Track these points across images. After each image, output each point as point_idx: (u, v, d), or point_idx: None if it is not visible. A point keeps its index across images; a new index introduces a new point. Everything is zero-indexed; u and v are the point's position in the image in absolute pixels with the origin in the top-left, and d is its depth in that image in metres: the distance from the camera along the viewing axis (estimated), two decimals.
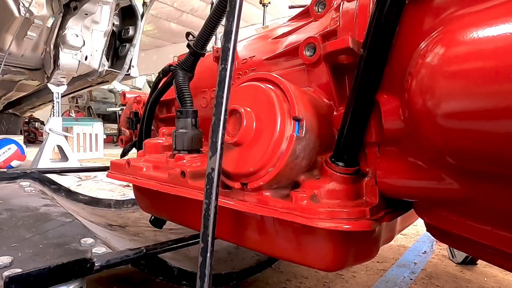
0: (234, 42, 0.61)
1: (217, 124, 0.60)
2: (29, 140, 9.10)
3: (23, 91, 4.92)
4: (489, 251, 0.59)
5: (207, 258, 0.57)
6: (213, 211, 0.59)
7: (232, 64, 0.61)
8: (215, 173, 0.60)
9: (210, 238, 0.58)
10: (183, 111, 1.01)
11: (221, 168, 0.61)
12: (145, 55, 12.37)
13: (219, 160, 0.60)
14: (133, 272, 1.36)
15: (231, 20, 0.61)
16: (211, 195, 0.59)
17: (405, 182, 0.64)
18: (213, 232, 0.58)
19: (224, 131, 0.61)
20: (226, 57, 0.61)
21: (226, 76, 0.61)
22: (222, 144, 0.60)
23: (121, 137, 1.72)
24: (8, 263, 0.76)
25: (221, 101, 0.60)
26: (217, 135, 0.60)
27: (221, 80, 0.61)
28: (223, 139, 0.61)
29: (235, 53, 0.61)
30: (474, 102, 0.44)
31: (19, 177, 1.61)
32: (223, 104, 0.60)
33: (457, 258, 1.68)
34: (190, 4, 9.44)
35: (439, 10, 0.57)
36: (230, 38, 0.61)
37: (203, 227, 0.59)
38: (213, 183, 0.59)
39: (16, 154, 4.46)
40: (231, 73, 0.61)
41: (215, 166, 0.60)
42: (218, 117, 0.60)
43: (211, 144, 0.61)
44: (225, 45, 0.61)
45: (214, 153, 0.61)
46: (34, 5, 3.50)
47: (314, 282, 1.41)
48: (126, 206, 1.90)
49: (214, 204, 0.59)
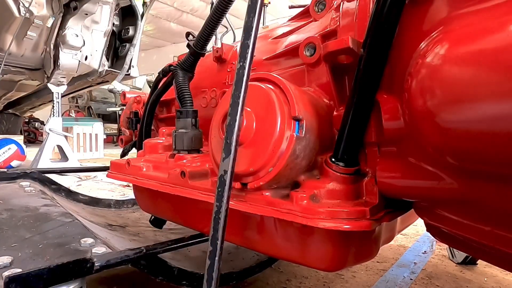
0: (254, 39, 0.57)
1: (232, 126, 0.57)
2: (29, 140, 9.10)
3: (23, 91, 4.92)
4: (489, 251, 0.59)
5: (215, 261, 0.55)
6: (224, 214, 0.57)
7: (250, 63, 0.57)
8: (228, 175, 0.57)
9: (220, 242, 0.56)
10: (183, 111, 1.01)
11: (234, 170, 0.58)
12: (145, 55, 12.37)
13: (233, 162, 0.57)
14: (133, 272, 1.36)
15: (252, 16, 0.57)
16: (222, 197, 0.57)
17: (405, 182, 0.64)
18: (222, 236, 0.56)
19: (239, 132, 0.58)
20: (244, 54, 0.57)
21: (244, 74, 0.57)
22: (236, 146, 0.57)
23: (121, 137, 1.72)
24: (8, 263, 0.76)
25: (238, 101, 0.57)
26: (232, 137, 0.57)
27: (238, 79, 0.57)
28: (238, 140, 0.58)
29: (254, 51, 0.58)
30: (474, 102, 0.44)
31: (19, 177, 1.61)
32: (239, 104, 0.57)
33: (457, 258, 1.68)
34: (190, 4, 9.44)
35: (439, 10, 0.57)
36: (250, 34, 0.57)
37: (212, 230, 0.57)
38: (225, 186, 0.57)
39: (16, 154, 4.46)
40: (249, 72, 0.57)
41: (228, 168, 0.57)
42: (233, 118, 0.57)
43: (225, 146, 0.58)
44: (244, 41, 0.57)
45: (228, 155, 0.58)
46: (34, 5, 3.50)
47: (314, 282, 1.41)
48: (126, 206, 1.90)
49: (225, 207, 0.57)
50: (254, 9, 0.57)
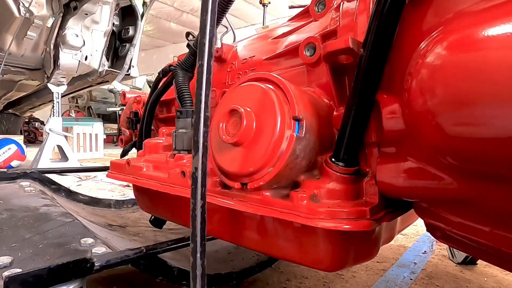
0: (210, 37, 0.59)
1: (198, 122, 0.58)
2: (29, 140, 9.10)
3: (23, 91, 4.92)
4: (489, 251, 0.59)
5: (197, 258, 0.56)
6: (199, 211, 0.58)
7: (209, 60, 0.58)
8: (199, 172, 0.58)
9: (199, 238, 0.57)
10: (183, 111, 1.01)
11: (206, 167, 0.59)
12: (145, 55, 12.37)
13: (202, 159, 0.58)
14: (133, 272, 1.35)
15: (205, 15, 0.59)
16: (196, 194, 0.59)
17: (405, 182, 0.63)
18: (201, 232, 0.58)
19: (206, 129, 0.59)
20: (202, 53, 0.58)
21: (203, 72, 0.58)
22: (205, 143, 0.59)
23: (121, 137, 1.72)
24: (8, 263, 0.76)
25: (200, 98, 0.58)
26: (199, 134, 0.58)
27: (199, 77, 0.58)
28: (206, 138, 0.59)
29: (212, 49, 0.59)
30: (474, 102, 0.44)
31: (19, 177, 1.61)
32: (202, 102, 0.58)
33: (457, 258, 1.68)
34: (190, 4, 9.44)
35: (439, 10, 0.57)
36: (205, 33, 0.58)
37: (191, 227, 0.59)
38: (198, 183, 0.58)
39: (16, 154, 4.46)
40: (208, 69, 0.58)
41: (199, 165, 0.58)
42: (198, 115, 0.58)
43: (194, 144, 0.59)
44: (201, 40, 0.59)
45: (197, 152, 0.59)
46: (34, 5, 3.50)
47: (314, 282, 1.41)
48: (126, 206, 1.90)
49: (200, 204, 0.58)
50: (206, 7, 0.58)
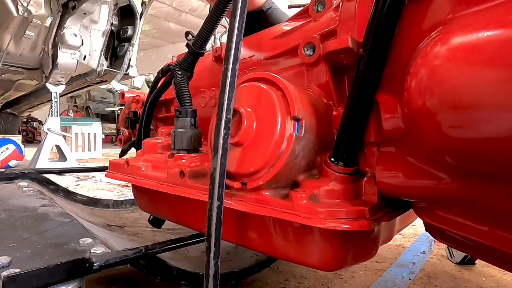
0: (237, 42, 0.60)
1: (219, 124, 0.61)
2: (27, 140, 9.09)
3: (21, 90, 4.91)
4: (488, 251, 0.59)
5: (211, 258, 0.57)
6: (215, 211, 0.59)
7: (235, 64, 0.60)
8: (217, 173, 0.60)
9: (213, 239, 0.58)
10: (182, 111, 1.01)
11: (225, 168, 0.61)
12: (144, 54, 12.34)
13: (221, 160, 0.60)
14: (132, 272, 1.35)
15: (233, 20, 0.60)
16: (213, 194, 0.59)
17: (404, 181, 0.64)
18: (217, 233, 0.59)
19: (227, 131, 0.61)
20: (228, 57, 0.60)
21: (227, 76, 0.60)
22: (225, 145, 0.60)
23: (120, 137, 1.72)
24: (7, 263, 0.75)
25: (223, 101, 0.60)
26: (219, 136, 0.61)
27: (224, 80, 0.60)
28: (226, 140, 0.61)
29: (238, 53, 0.60)
30: (474, 102, 0.45)
31: (17, 177, 1.60)
32: (224, 104, 0.60)
33: (455, 258, 1.69)
34: (189, 3, 9.43)
35: (439, 9, 0.57)
36: (232, 37, 0.60)
37: (207, 226, 0.60)
38: (215, 183, 0.60)
39: (14, 154, 4.45)
40: (233, 73, 0.60)
41: (217, 166, 0.60)
42: (219, 117, 0.60)
43: (214, 144, 0.61)
44: (228, 44, 0.60)
45: (216, 153, 0.61)
46: (32, 5, 3.50)
47: (313, 282, 1.41)
48: (125, 206, 1.90)
49: (216, 204, 0.59)
50: (236, 12, 0.60)
